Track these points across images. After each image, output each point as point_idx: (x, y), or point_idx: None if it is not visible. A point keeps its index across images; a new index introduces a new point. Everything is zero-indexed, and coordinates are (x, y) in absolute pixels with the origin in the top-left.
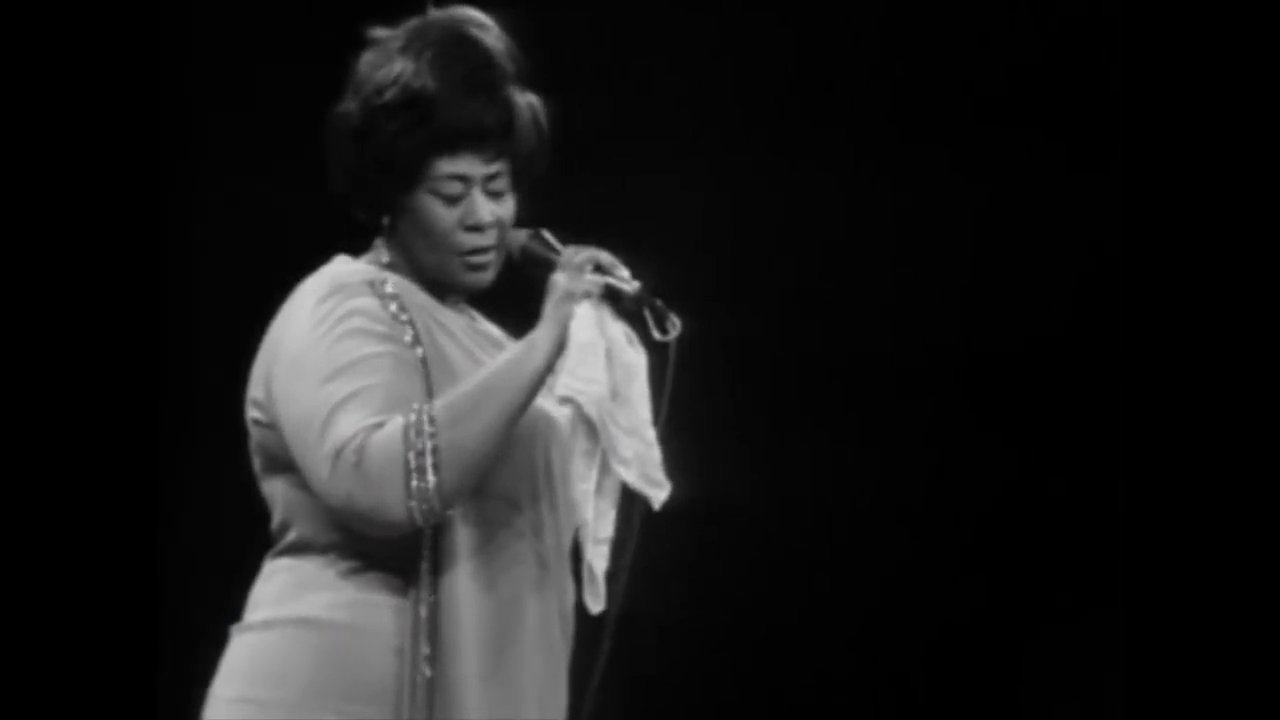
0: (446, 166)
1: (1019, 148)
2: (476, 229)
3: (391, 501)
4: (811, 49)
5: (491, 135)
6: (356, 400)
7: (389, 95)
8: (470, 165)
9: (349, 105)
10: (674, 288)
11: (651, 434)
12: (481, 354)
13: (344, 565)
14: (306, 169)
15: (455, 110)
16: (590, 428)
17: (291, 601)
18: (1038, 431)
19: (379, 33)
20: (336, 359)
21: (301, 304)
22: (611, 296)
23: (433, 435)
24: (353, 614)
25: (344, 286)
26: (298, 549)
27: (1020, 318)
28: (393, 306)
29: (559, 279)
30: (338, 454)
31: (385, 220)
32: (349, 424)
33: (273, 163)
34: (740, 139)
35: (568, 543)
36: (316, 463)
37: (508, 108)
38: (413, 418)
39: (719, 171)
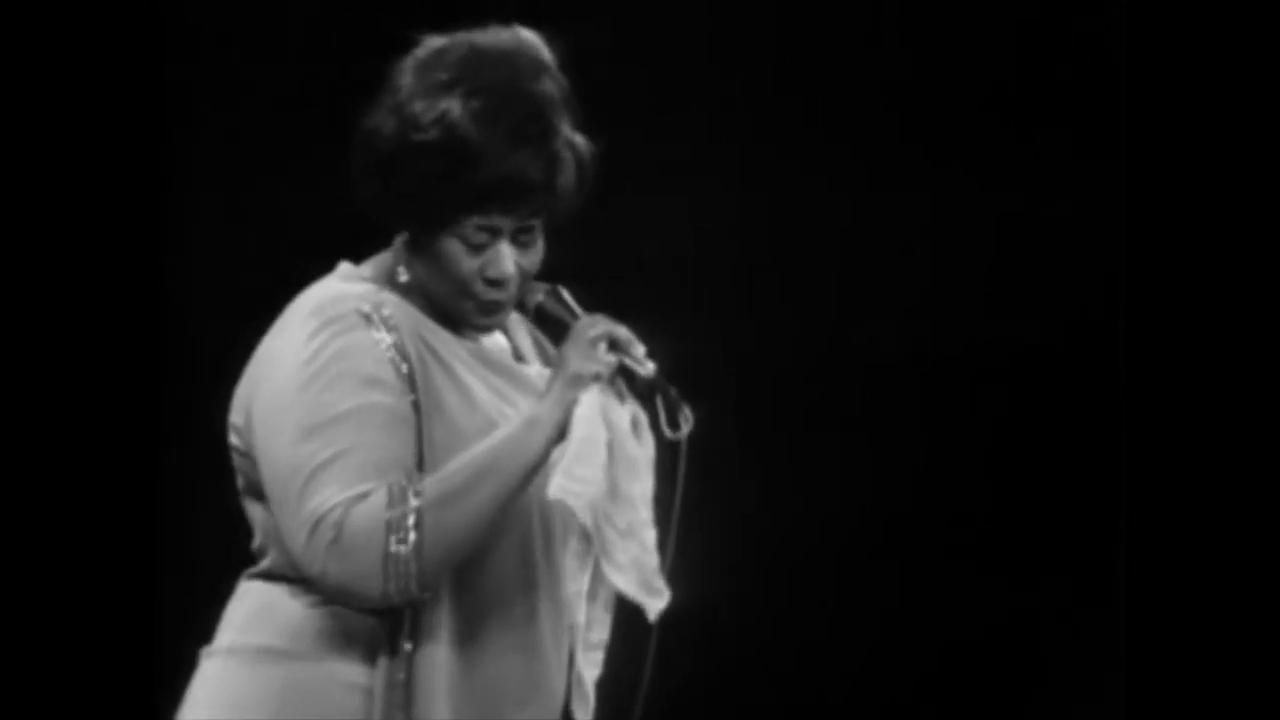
0: (478, 219)
1: (1019, 154)
2: (498, 284)
3: (368, 583)
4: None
5: (532, 192)
6: (338, 465)
7: (429, 135)
8: (503, 219)
9: (383, 125)
10: (672, 298)
11: (650, 537)
12: (483, 391)
13: (315, 596)
14: (308, 170)
15: (497, 167)
16: (583, 530)
17: (255, 628)
18: (1037, 434)
19: (428, 47)
20: (320, 412)
21: (290, 335)
22: (624, 374)
23: (416, 514)
24: (316, 646)
25: (336, 319)
26: (272, 574)
27: (1020, 323)
28: (386, 340)
29: (570, 355)
30: (315, 525)
31: (404, 236)
32: (329, 494)
33: (273, 163)
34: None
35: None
36: (293, 527)
37: (553, 164)
38: (398, 499)
39: (715, 178)
